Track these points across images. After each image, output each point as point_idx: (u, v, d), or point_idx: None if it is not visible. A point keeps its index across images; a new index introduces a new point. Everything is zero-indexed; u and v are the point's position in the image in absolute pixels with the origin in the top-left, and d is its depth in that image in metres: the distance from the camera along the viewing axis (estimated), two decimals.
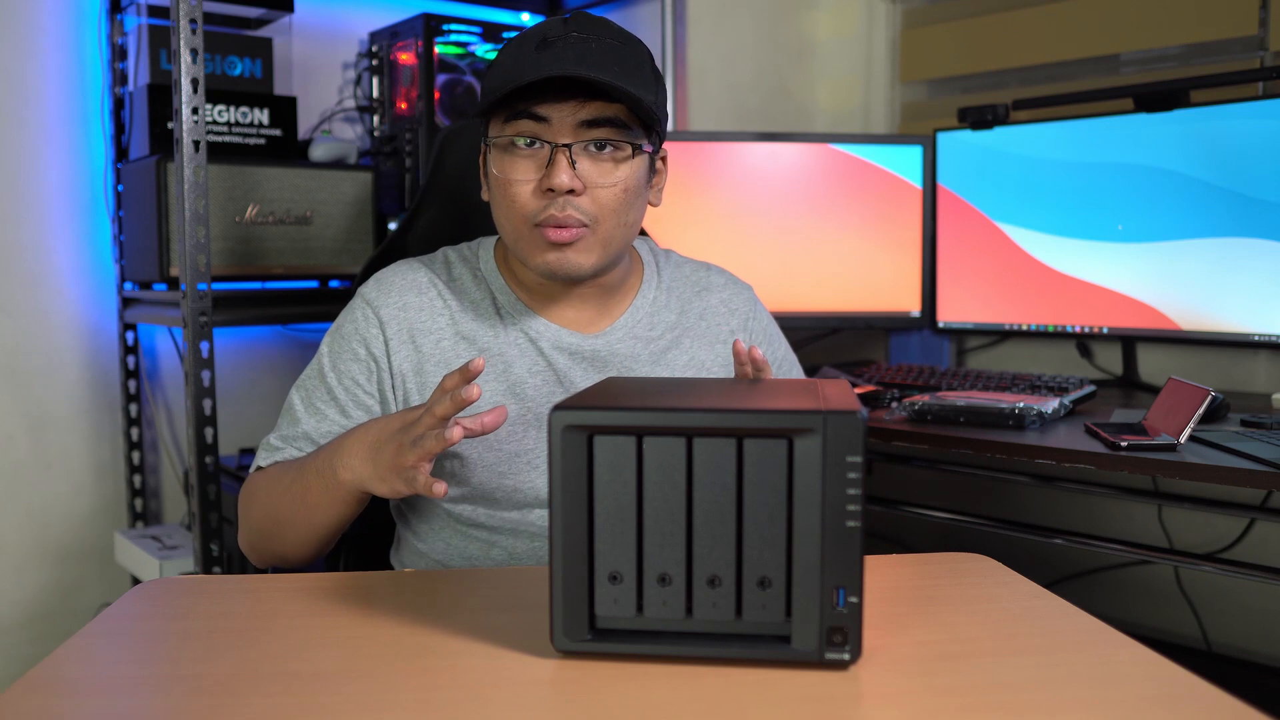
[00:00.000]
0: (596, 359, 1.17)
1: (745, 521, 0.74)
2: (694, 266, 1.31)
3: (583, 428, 0.74)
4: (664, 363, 1.21)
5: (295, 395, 1.17)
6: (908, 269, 2.14)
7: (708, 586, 0.74)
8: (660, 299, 1.24)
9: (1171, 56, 2.12)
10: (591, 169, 1.08)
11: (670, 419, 0.73)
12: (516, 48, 1.08)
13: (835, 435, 0.71)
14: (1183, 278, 1.84)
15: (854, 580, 0.72)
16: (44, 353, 2.05)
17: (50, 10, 2.04)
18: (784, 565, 0.73)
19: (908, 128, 2.49)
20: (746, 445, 0.73)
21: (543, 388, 1.16)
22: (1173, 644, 2.04)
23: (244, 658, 0.78)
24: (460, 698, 0.70)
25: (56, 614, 2.07)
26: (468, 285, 1.19)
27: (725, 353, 1.25)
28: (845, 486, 0.72)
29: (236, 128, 1.97)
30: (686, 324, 1.24)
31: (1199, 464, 1.31)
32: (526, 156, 1.08)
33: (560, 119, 1.06)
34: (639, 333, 1.20)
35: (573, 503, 0.74)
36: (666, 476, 0.74)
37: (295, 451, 1.14)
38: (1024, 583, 0.94)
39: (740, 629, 0.75)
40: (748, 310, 1.29)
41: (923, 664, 0.75)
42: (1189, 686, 0.71)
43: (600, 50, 1.06)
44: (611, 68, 1.05)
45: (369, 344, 1.15)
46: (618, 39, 1.09)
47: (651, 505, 0.74)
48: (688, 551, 0.74)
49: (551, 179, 1.05)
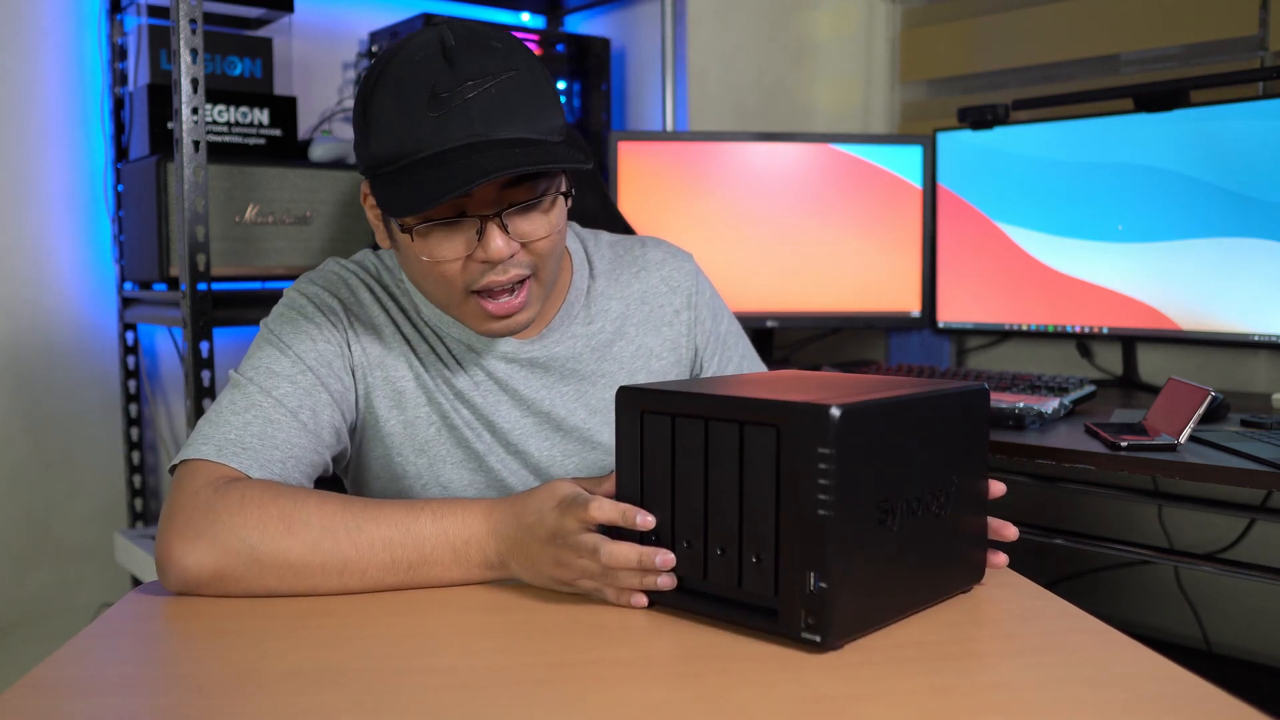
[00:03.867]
0: (536, 364, 1.14)
1: (745, 500, 0.80)
2: (627, 245, 1.24)
3: (634, 406, 0.87)
4: (610, 356, 1.17)
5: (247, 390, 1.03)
6: (908, 269, 2.14)
7: (719, 554, 0.82)
8: (595, 287, 1.19)
9: (1171, 56, 2.12)
10: (523, 226, 1.00)
11: (693, 404, 0.83)
12: (401, 104, 0.96)
13: (804, 427, 0.76)
14: (1182, 278, 1.84)
15: (823, 566, 0.75)
16: (44, 353, 2.05)
17: (50, 10, 2.04)
18: (773, 544, 0.79)
19: (908, 128, 2.49)
20: (746, 431, 0.80)
21: (489, 395, 1.12)
22: (1173, 644, 2.04)
23: (244, 658, 0.78)
24: (460, 698, 0.70)
25: (56, 614, 2.07)
26: (397, 294, 1.13)
27: (672, 336, 1.21)
28: (816, 476, 0.75)
29: (236, 128, 1.97)
30: (628, 311, 1.19)
31: (1199, 464, 1.31)
32: (450, 232, 0.99)
33: (481, 191, 0.97)
34: (577, 330, 1.16)
35: (628, 469, 0.87)
36: (691, 454, 0.83)
37: (277, 454, 1.00)
38: (1025, 583, 0.94)
39: (742, 597, 0.81)
40: (690, 286, 1.23)
41: (924, 663, 0.76)
42: (1189, 687, 0.71)
43: (502, 97, 0.96)
44: (522, 117, 0.97)
45: (334, 327, 1.08)
46: (509, 65, 0.98)
47: (681, 478, 0.84)
48: (704, 520, 0.83)
49: (488, 251, 0.98)
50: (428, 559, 0.92)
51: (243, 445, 0.99)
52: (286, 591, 0.91)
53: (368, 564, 0.91)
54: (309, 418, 1.03)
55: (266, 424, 1.01)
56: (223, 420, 1.01)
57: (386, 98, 0.97)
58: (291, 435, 1.01)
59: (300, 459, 1.02)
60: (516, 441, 1.13)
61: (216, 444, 0.98)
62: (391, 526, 0.92)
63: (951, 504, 0.86)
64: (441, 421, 1.12)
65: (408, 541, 0.92)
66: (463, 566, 0.92)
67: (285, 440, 1.01)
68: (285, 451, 1.01)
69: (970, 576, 0.91)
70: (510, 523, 0.91)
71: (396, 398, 1.11)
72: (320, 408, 1.05)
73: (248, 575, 0.90)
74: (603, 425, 1.16)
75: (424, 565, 0.92)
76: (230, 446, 0.98)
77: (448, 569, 0.92)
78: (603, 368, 1.17)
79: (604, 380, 1.17)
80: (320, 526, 0.91)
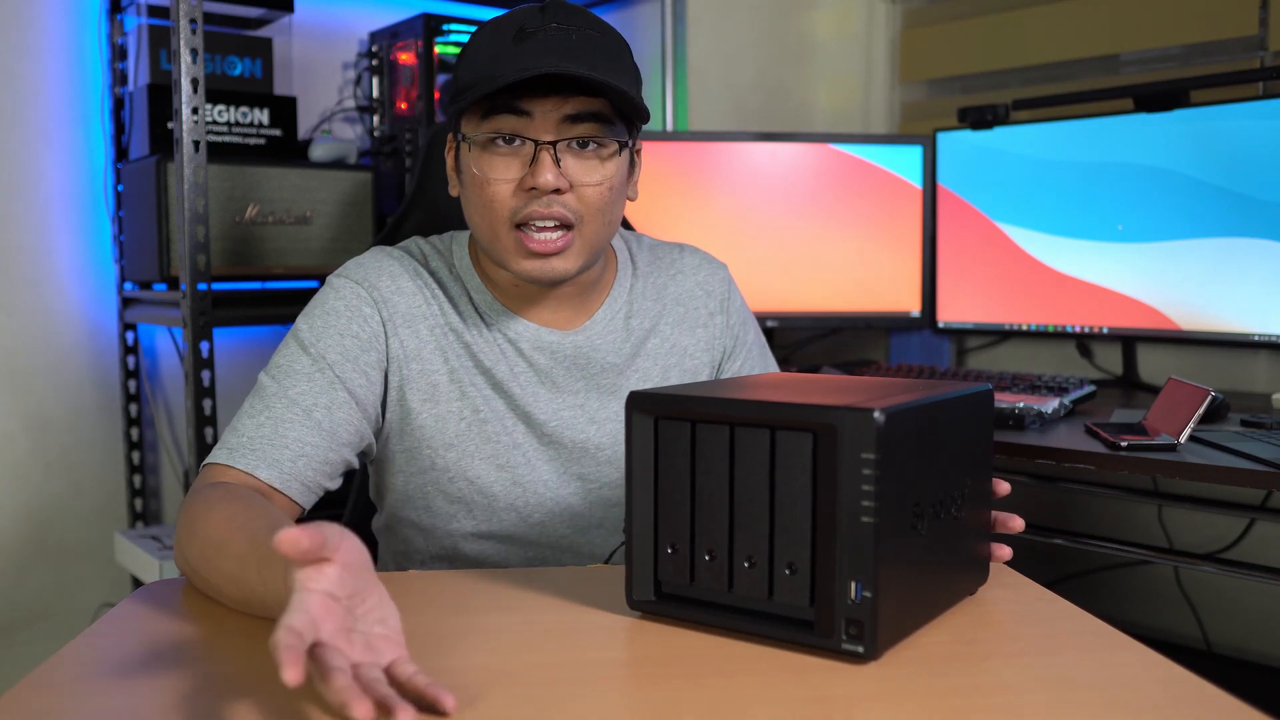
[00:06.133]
0: (579, 355, 1.15)
1: (777, 508, 0.77)
2: (666, 249, 1.28)
3: (648, 412, 0.82)
4: (644, 352, 1.20)
5: (268, 395, 1.03)
6: (908, 269, 2.14)
7: (746, 565, 0.79)
8: (637, 287, 1.21)
9: (1171, 56, 2.12)
10: (576, 167, 1.04)
11: (716, 408, 0.79)
12: (490, 38, 1.04)
13: (848, 431, 0.73)
14: (1183, 278, 1.84)
15: (868, 575, 0.73)
16: (44, 353, 2.05)
17: (50, 10, 2.03)
18: (809, 553, 0.76)
19: (908, 128, 2.49)
20: (778, 436, 0.77)
21: (528, 387, 1.13)
22: (1173, 644, 2.04)
23: (244, 658, 0.78)
24: (460, 698, 0.70)
25: (56, 614, 2.07)
26: (445, 279, 1.15)
27: (706, 337, 1.24)
28: (860, 482, 0.73)
29: (236, 128, 1.96)
30: (664, 310, 1.22)
31: (1199, 464, 1.31)
32: (507, 154, 1.04)
33: (543, 114, 1.02)
34: (618, 325, 1.18)
35: (642, 480, 0.83)
36: (713, 461, 0.80)
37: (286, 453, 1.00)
38: (1027, 584, 0.94)
39: (772, 609, 0.79)
40: (724, 291, 1.27)
41: (926, 665, 0.75)
42: (1190, 687, 0.71)
43: (581, 42, 1.02)
44: (594, 60, 1.02)
45: (367, 321, 1.08)
46: (596, 29, 1.05)
47: (702, 486, 0.80)
48: (730, 530, 0.79)
49: (536, 178, 1.02)
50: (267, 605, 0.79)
51: (252, 447, 1.01)
52: (227, 601, 0.87)
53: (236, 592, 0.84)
54: (324, 415, 1.03)
55: (278, 424, 1.02)
56: (240, 424, 1.03)
57: (480, 36, 1.05)
58: (304, 434, 1.02)
59: (313, 457, 1.02)
60: (551, 433, 1.14)
61: (229, 447, 1.01)
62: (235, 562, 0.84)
63: (966, 505, 0.85)
64: (473, 416, 1.12)
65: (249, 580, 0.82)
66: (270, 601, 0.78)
67: (296, 439, 1.02)
68: (296, 450, 1.01)
69: (978, 578, 0.90)
70: None
71: (430, 391, 1.11)
72: (336, 406, 1.05)
73: (195, 580, 0.91)
74: None
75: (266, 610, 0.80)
76: (241, 449, 1.01)
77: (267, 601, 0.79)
78: (638, 363, 1.19)
79: (638, 375, 1.19)
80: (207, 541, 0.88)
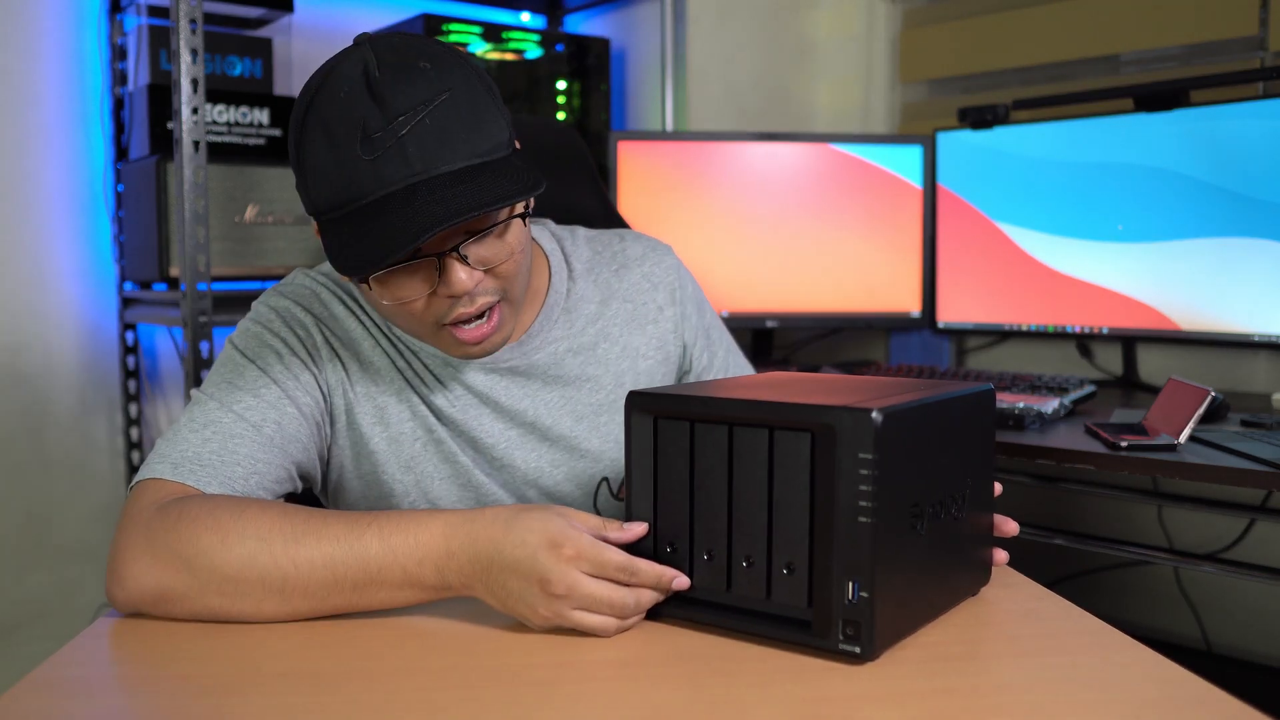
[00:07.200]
0: (518, 373, 1.09)
1: (775, 508, 0.77)
2: (606, 239, 1.20)
3: (647, 411, 0.83)
4: (595, 359, 1.13)
5: (206, 408, 0.98)
6: (908, 269, 2.14)
7: (744, 565, 0.79)
8: (575, 289, 1.14)
9: (1171, 56, 2.12)
10: (483, 253, 0.95)
11: (714, 408, 0.79)
12: (334, 154, 0.91)
13: (846, 431, 0.73)
14: (1183, 278, 1.84)
15: (865, 575, 0.73)
16: (44, 353, 2.05)
17: (50, 10, 2.04)
18: (806, 553, 0.76)
19: (908, 128, 2.49)
20: (777, 436, 0.77)
21: (469, 410, 1.08)
22: (1173, 644, 2.04)
23: (244, 658, 0.78)
24: (460, 698, 0.70)
25: (56, 614, 2.07)
26: (369, 306, 1.06)
27: (658, 334, 1.17)
28: (857, 482, 0.73)
29: (236, 128, 1.97)
30: (610, 311, 1.15)
31: (1199, 464, 1.31)
32: (408, 273, 0.93)
33: None
34: (558, 334, 1.12)
35: (641, 479, 0.83)
36: (712, 460, 0.80)
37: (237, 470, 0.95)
38: (1027, 584, 0.94)
39: (770, 609, 0.79)
40: (673, 280, 1.19)
41: (926, 665, 0.75)
42: (1190, 687, 0.71)
43: (437, 124, 0.90)
44: (460, 142, 0.91)
45: (310, 336, 1.04)
46: (439, 85, 0.91)
47: (701, 485, 0.81)
48: (728, 530, 0.80)
49: (451, 287, 0.93)
50: (374, 579, 0.83)
51: (200, 462, 0.93)
52: (233, 614, 0.84)
53: (308, 581, 0.83)
54: (274, 431, 0.97)
55: (227, 439, 0.95)
56: (180, 438, 0.95)
57: (318, 142, 0.92)
58: (255, 450, 0.96)
59: (265, 474, 0.96)
60: (501, 456, 1.09)
61: (172, 462, 0.93)
62: (333, 541, 0.83)
63: (967, 506, 0.85)
64: (427, 436, 1.07)
65: (351, 559, 0.83)
66: (415, 589, 0.83)
67: (248, 455, 0.95)
68: (248, 467, 0.95)
69: (980, 578, 0.90)
70: (478, 546, 0.81)
71: (379, 414, 1.06)
72: (286, 421, 0.99)
73: (189, 592, 0.84)
74: (589, 432, 1.12)
75: (371, 586, 0.83)
76: (187, 464, 0.93)
77: (398, 590, 0.83)
78: (587, 371, 1.13)
79: (589, 385, 1.13)
80: (256, 538, 0.83)
